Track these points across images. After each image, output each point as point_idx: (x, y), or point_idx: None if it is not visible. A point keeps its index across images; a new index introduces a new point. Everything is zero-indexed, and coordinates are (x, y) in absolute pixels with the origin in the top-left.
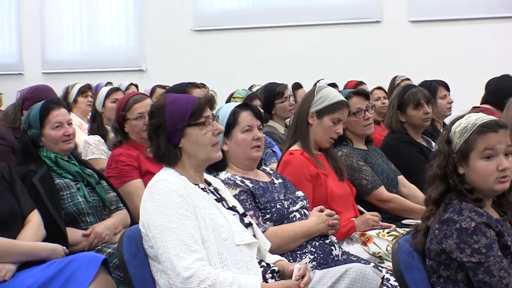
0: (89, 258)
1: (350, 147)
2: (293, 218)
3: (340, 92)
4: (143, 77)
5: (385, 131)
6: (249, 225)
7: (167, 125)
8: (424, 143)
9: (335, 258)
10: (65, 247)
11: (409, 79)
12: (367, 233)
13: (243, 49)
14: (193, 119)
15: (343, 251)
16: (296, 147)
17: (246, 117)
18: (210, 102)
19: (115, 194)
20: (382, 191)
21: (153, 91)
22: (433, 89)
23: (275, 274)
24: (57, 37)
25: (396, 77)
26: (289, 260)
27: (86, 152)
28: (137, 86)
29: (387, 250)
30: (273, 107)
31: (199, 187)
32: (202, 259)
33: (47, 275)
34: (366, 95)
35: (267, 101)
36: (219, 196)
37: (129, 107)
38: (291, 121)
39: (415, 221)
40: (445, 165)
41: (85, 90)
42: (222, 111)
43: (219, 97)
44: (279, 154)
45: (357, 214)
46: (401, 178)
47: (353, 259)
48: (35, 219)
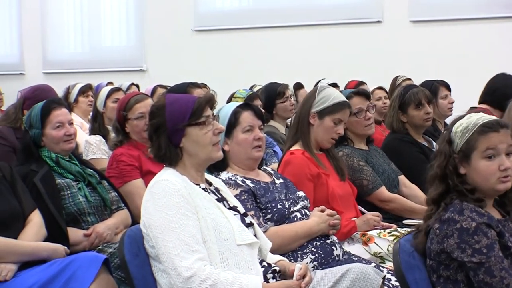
0: (90, 258)
1: (351, 147)
2: (294, 218)
3: (341, 92)
4: (144, 77)
5: (386, 131)
6: (250, 225)
7: (167, 125)
8: (425, 143)
9: (336, 258)
10: (66, 247)
11: (410, 79)
12: (368, 233)
13: (244, 49)
14: (193, 118)
15: (344, 251)
16: (297, 147)
17: (247, 117)
18: (210, 101)
19: (116, 194)
20: (383, 191)
21: (154, 91)
22: (434, 89)
23: (276, 274)
24: (58, 37)
25: (397, 77)
26: (290, 260)
27: (87, 152)
28: (138, 86)
29: (388, 250)
30: (274, 107)
31: (200, 187)
32: (203, 259)
33: (48, 275)
34: (367, 95)
35: (268, 101)
36: (220, 196)
37: (130, 107)
38: (292, 121)
39: (416, 221)
40: (446, 165)
41: (86, 90)
42: (223, 111)
43: (220, 97)
44: (280, 154)
45: (358, 214)
46: (402, 178)
47: (354, 259)
48: (36, 219)
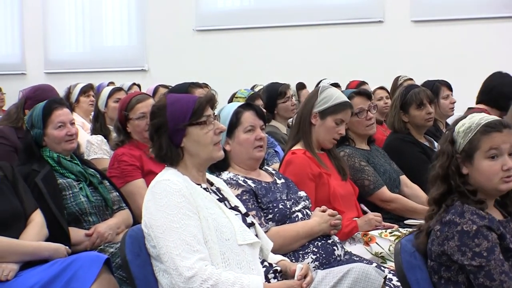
0: (91, 257)
1: (352, 147)
2: (295, 218)
3: (342, 92)
4: (146, 77)
5: (388, 131)
6: (251, 225)
7: (168, 125)
8: (426, 143)
9: (338, 258)
10: (67, 247)
11: (411, 79)
12: (370, 233)
13: (245, 49)
14: (194, 118)
15: (346, 251)
16: (298, 146)
17: (248, 117)
18: (211, 101)
19: (117, 194)
20: (384, 191)
21: (156, 90)
22: (436, 89)
23: (277, 274)
24: (60, 37)
25: (398, 77)
26: (292, 260)
27: (88, 152)
28: (139, 86)
29: (389, 250)
30: (276, 107)
31: (201, 187)
32: (204, 259)
33: (50, 274)
34: (368, 95)
35: (269, 101)
36: (221, 196)
37: (131, 107)
38: (293, 121)
39: (418, 221)
40: (448, 165)
41: (87, 89)
42: (224, 111)
43: (221, 97)
44: (281, 154)
45: (360, 213)
46: (404, 178)
47: (356, 259)
48: (37, 219)
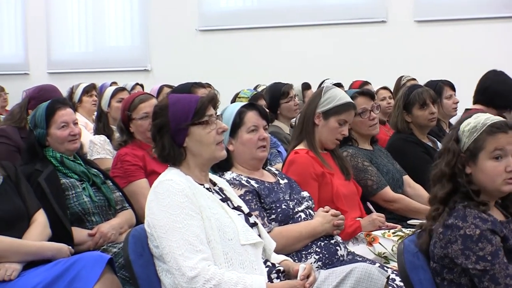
0: (94, 257)
1: (355, 147)
2: (298, 218)
3: (345, 92)
4: (148, 77)
5: (391, 131)
6: (254, 225)
7: (170, 125)
8: (429, 143)
9: (341, 258)
10: (70, 247)
11: (414, 79)
12: (373, 233)
13: (248, 49)
14: (196, 118)
15: (349, 251)
16: (301, 146)
17: (252, 117)
18: (213, 100)
19: (120, 194)
20: (387, 192)
21: (160, 90)
22: (439, 89)
23: (280, 274)
24: (63, 37)
25: (401, 77)
26: (294, 260)
27: (91, 152)
28: (142, 86)
29: (392, 250)
30: (278, 107)
31: (204, 186)
32: (207, 259)
33: (53, 274)
34: (371, 95)
35: (272, 101)
36: (224, 196)
37: (134, 107)
38: (296, 120)
39: (421, 221)
40: (454, 164)
41: (89, 89)
42: (228, 111)
43: (224, 96)
44: (284, 154)
45: (363, 213)
46: (407, 178)
47: (359, 259)
48: (40, 219)
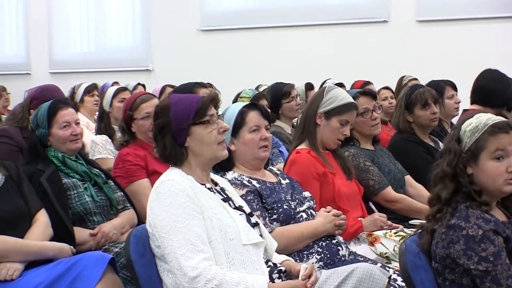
0: (96, 257)
1: (357, 147)
2: (300, 218)
3: (347, 92)
4: (150, 76)
5: (392, 131)
6: (255, 225)
7: (172, 125)
8: (431, 143)
9: (342, 258)
10: (72, 247)
11: (416, 79)
12: (374, 233)
13: (250, 49)
14: (197, 117)
15: (350, 251)
16: (303, 146)
17: (253, 117)
18: (214, 100)
19: (122, 193)
20: (389, 192)
21: (163, 90)
22: (441, 89)
23: (281, 274)
24: (65, 37)
25: (403, 77)
26: (296, 260)
27: (93, 151)
28: (144, 86)
29: (394, 250)
30: (280, 107)
31: (206, 186)
32: (208, 259)
33: (54, 274)
34: (373, 95)
35: (274, 101)
36: (225, 196)
37: (136, 107)
38: (298, 120)
39: (422, 221)
40: (456, 164)
41: (91, 89)
42: (229, 110)
43: (226, 97)
44: (285, 154)
45: (365, 213)
46: (408, 178)
47: (360, 259)
48: (42, 219)
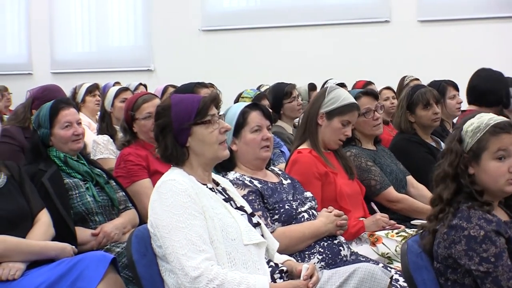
0: (98, 257)
1: (358, 147)
2: (302, 218)
3: (349, 92)
4: (152, 77)
5: (394, 131)
6: (257, 225)
7: (173, 125)
8: (433, 144)
9: (344, 258)
10: (74, 246)
11: (418, 79)
12: (376, 233)
13: (251, 49)
14: (199, 117)
15: (352, 251)
16: (304, 146)
17: (255, 117)
18: (215, 100)
19: (123, 193)
20: (391, 192)
21: (165, 90)
22: (442, 89)
23: (283, 274)
24: (66, 37)
25: (405, 77)
26: (298, 260)
27: (95, 151)
28: (145, 86)
29: (396, 250)
30: (282, 107)
31: (207, 186)
32: (210, 259)
33: (56, 274)
34: (375, 95)
35: (275, 101)
36: (227, 196)
37: (137, 107)
38: (300, 120)
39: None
40: (457, 164)
41: (92, 89)
42: (231, 111)
43: (227, 96)
44: (287, 154)
45: (366, 212)
46: (410, 178)
47: (362, 259)
48: (44, 218)
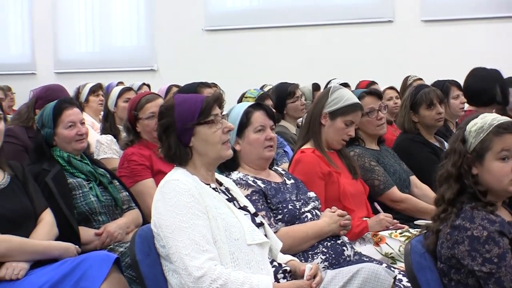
0: (101, 257)
1: (362, 147)
2: (305, 218)
3: (352, 92)
4: (155, 76)
5: (397, 131)
6: (260, 225)
7: (176, 125)
8: (436, 144)
9: (347, 258)
10: (77, 246)
11: (421, 79)
12: (380, 233)
13: (254, 49)
14: (202, 117)
15: (355, 251)
16: (308, 146)
17: (259, 117)
18: (218, 100)
19: (127, 193)
20: (394, 192)
21: (169, 90)
22: (446, 89)
23: (286, 274)
24: (69, 37)
25: (408, 77)
26: (301, 260)
27: (98, 151)
28: (149, 86)
29: (399, 250)
30: (285, 107)
31: (211, 186)
32: (213, 259)
33: (60, 273)
34: (379, 95)
35: (278, 101)
36: (230, 196)
37: (141, 107)
38: (303, 120)
39: (428, 221)
40: (461, 164)
41: (96, 89)
42: (234, 110)
43: (230, 96)
44: (290, 154)
45: (370, 212)
46: (414, 178)
47: (365, 259)
48: (47, 218)
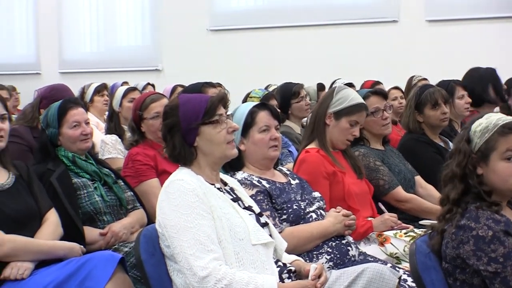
0: (106, 257)
1: (367, 147)
2: (310, 218)
3: (357, 92)
4: (160, 76)
5: (402, 131)
6: (265, 225)
7: (181, 125)
8: (441, 144)
9: (352, 258)
10: (82, 246)
11: (426, 79)
12: (384, 233)
13: (259, 48)
14: (206, 117)
15: (360, 251)
16: (312, 146)
17: (263, 117)
18: (223, 100)
19: (132, 193)
20: (399, 191)
21: (174, 90)
22: (451, 89)
23: (291, 274)
24: (74, 37)
25: (413, 77)
26: (306, 260)
27: (103, 151)
28: (153, 86)
29: (404, 250)
30: (290, 107)
31: (215, 186)
32: (218, 259)
33: (65, 273)
34: (384, 95)
35: (283, 101)
36: (235, 195)
37: (145, 107)
38: (308, 120)
39: (433, 221)
40: (465, 164)
41: (101, 89)
42: (239, 110)
43: (235, 96)
44: (295, 154)
45: (375, 212)
46: (418, 178)
47: (370, 259)
48: (52, 218)
